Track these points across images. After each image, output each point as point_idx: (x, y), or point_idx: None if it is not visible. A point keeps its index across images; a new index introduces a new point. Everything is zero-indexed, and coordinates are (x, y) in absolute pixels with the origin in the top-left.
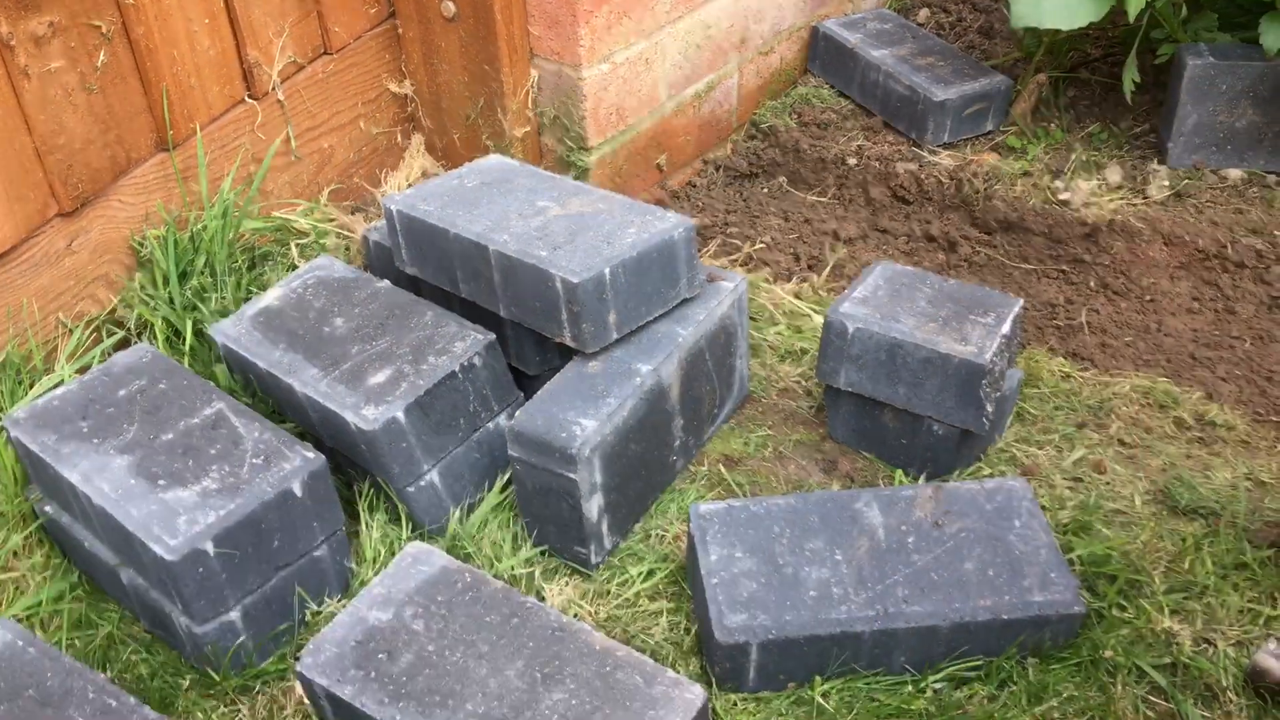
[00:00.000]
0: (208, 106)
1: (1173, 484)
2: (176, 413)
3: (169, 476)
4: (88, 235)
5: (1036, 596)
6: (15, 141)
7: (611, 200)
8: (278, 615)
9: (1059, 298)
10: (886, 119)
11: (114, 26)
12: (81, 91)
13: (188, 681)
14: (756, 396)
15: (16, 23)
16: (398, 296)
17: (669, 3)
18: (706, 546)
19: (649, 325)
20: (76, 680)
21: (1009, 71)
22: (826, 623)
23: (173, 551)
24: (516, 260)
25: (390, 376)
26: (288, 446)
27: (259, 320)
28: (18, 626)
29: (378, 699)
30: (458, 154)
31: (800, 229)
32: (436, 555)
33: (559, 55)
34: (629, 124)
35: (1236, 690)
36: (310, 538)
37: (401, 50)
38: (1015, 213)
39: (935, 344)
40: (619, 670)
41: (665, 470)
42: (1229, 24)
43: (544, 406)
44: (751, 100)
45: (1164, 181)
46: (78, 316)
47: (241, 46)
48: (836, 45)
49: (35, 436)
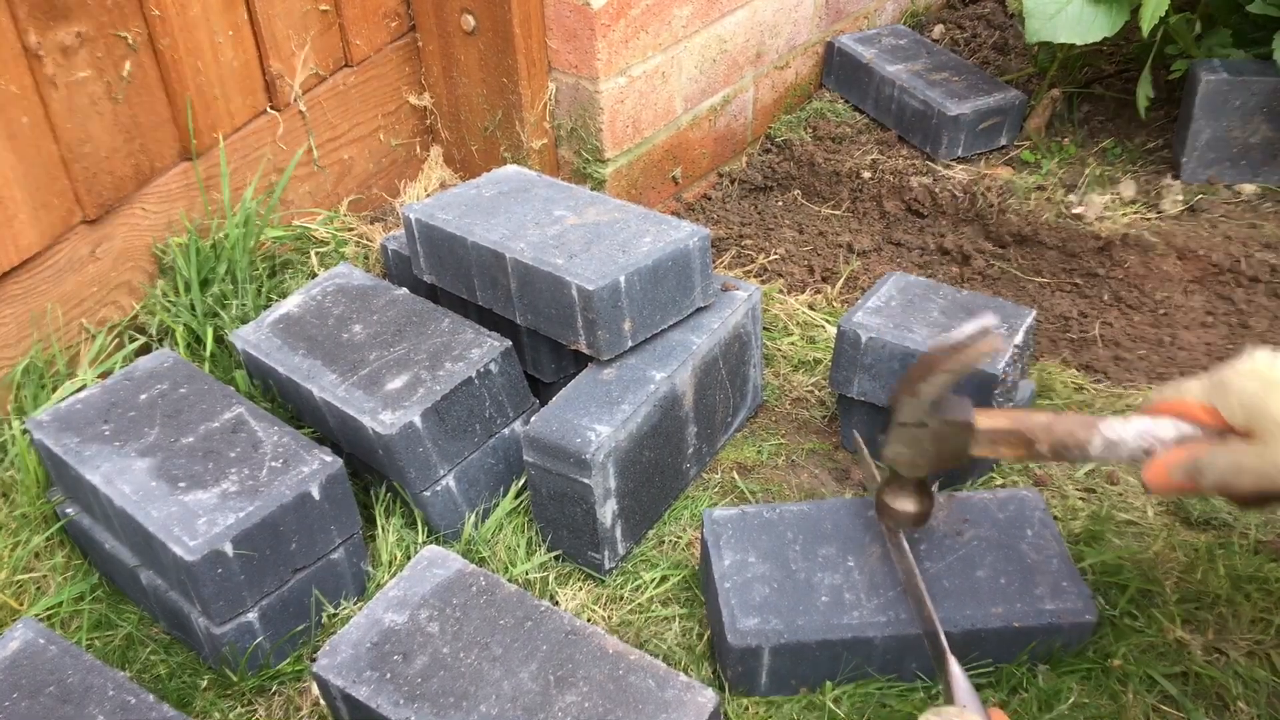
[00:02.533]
0: (230, 117)
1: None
2: (197, 417)
3: (189, 479)
4: (111, 242)
5: (1048, 605)
6: (42, 149)
7: (627, 210)
8: (295, 617)
9: (1072, 311)
10: (901, 133)
11: (140, 37)
12: (107, 101)
13: (205, 682)
14: (770, 405)
15: (45, 33)
16: (415, 304)
17: (685, 17)
18: (720, 551)
19: (663, 333)
20: (96, 678)
21: (1023, 87)
22: (838, 628)
23: (192, 552)
24: (533, 268)
25: (407, 382)
26: (306, 450)
27: (279, 327)
28: (39, 625)
29: (393, 700)
30: (476, 165)
31: (814, 241)
32: (452, 559)
33: (576, 68)
34: (645, 136)
35: (1247, 700)
36: (327, 540)
37: (421, 63)
38: (1029, 226)
39: None
40: (631, 674)
41: (679, 477)
42: (1243, 40)
43: (559, 413)
44: (767, 114)
45: (1178, 196)
46: (100, 322)
47: (264, 58)
48: (851, 60)
49: (58, 439)
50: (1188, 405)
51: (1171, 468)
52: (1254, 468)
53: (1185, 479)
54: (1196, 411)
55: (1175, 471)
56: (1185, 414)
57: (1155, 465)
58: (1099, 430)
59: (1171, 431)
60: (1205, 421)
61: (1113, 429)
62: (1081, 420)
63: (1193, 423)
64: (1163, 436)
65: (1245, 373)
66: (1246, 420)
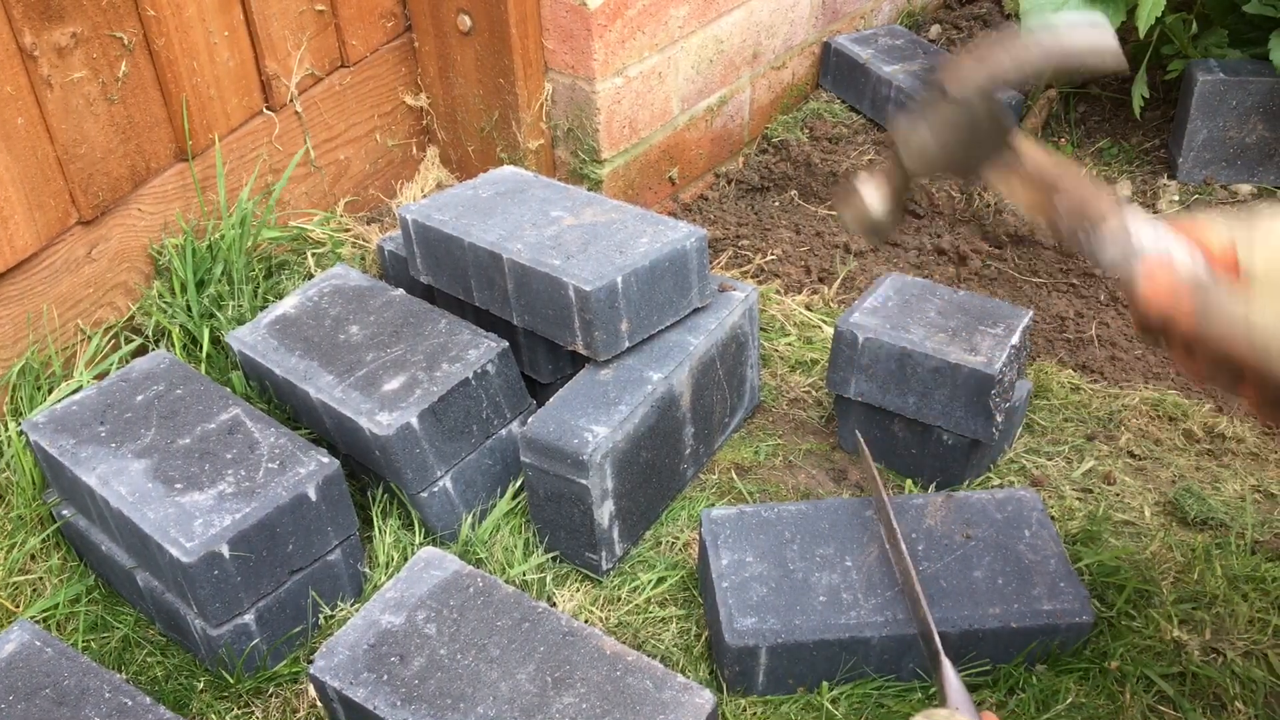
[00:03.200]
0: (226, 117)
1: (1182, 495)
2: (193, 418)
3: (185, 480)
4: (107, 243)
5: (1046, 605)
6: (37, 150)
7: (624, 210)
8: (291, 618)
9: (1069, 311)
10: None
11: (135, 38)
12: (103, 101)
13: (202, 684)
14: (767, 406)
15: (40, 33)
16: (412, 305)
17: (682, 18)
18: (718, 551)
19: (661, 334)
20: (93, 680)
21: (1019, 87)
22: (835, 628)
23: (189, 554)
24: (530, 269)
25: (404, 383)
26: (303, 451)
27: (275, 328)
28: (35, 627)
29: (390, 702)
30: (472, 166)
31: (811, 242)
32: (449, 560)
33: (573, 69)
34: (642, 137)
35: (1244, 700)
36: (324, 542)
37: (417, 63)
38: (1025, 226)
39: (945, 354)
40: (629, 675)
41: (676, 478)
42: (1239, 40)
43: (556, 413)
44: (763, 114)
45: (1174, 196)
46: (96, 323)
47: (260, 59)
48: (848, 60)
49: (54, 440)
50: (1208, 237)
51: (1178, 273)
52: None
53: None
54: (1215, 246)
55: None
56: (1203, 246)
57: (1157, 264)
58: (1122, 213)
59: (1185, 254)
60: (1218, 260)
61: (1135, 220)
62: (1106, 198)
63: (1204, 255)
64: (1176, 253)
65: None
66: (1267, 274)
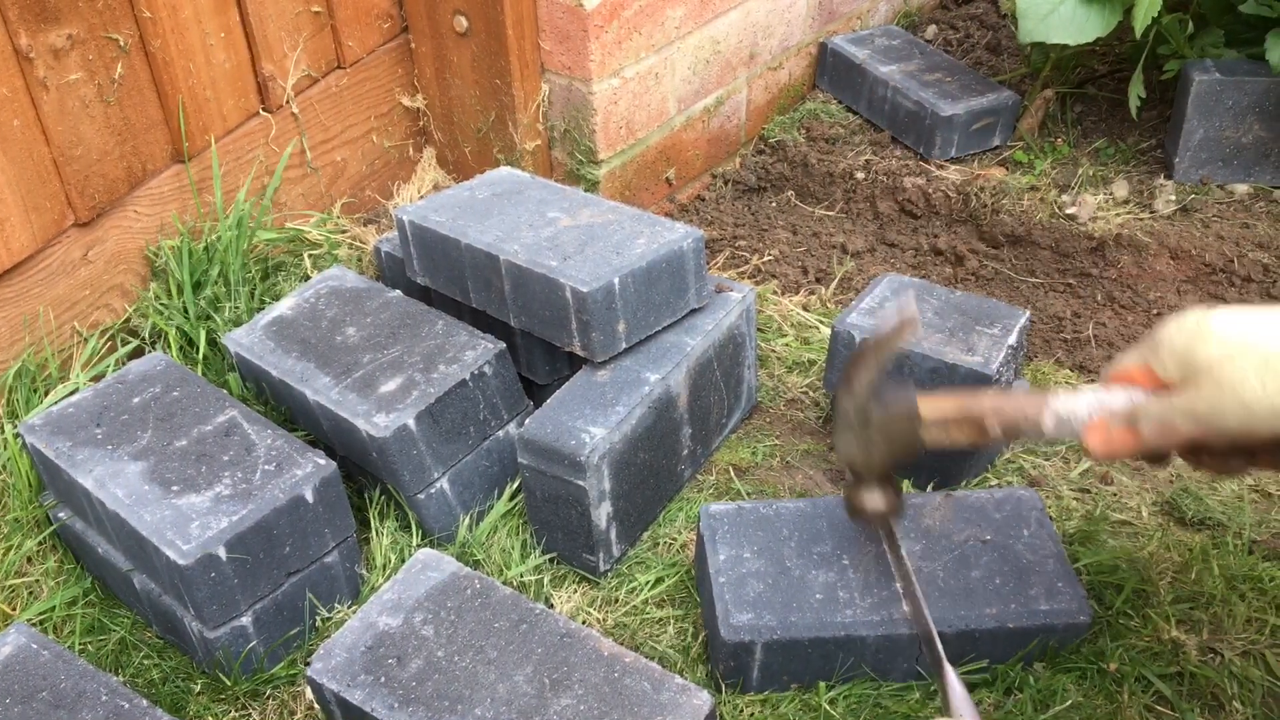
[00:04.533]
0: (223, 119)
1: (1179, 495)
2: (190, 420)
3: (182, 482)
4: (104, 245)
5: (1043, 605)
6: (33, 152)
7: (621, 211)
8: (289, 620)
9: (1066, 311)
10: (894, 134)
11: (131, 39)
12: (99, 103)
13: (199, 686)
14: (764, 406)
15: (36, 35)
16: (409, 306)
17: (678, 18)
18: (716, 546)
19: (658, 335)
20: (89, 683)
21: (1016, 87)
22: (831, 625)
23: (185, 556)
24: (527, 270)
25: (401, 385)
26: (300, 453)
27: (272, 329)
28: (31, 630)
29: (387, 704)
30: (469, 167)
31: (808, 242)
32: (446, 562)
33: (569, 70)
34: (638, 138)
35: (1242, 700)
36: (321, 544)
37: (414, 64)
38: (1022, 226)
39: (942, 354)
40: (627, 676)
41: (673, 479)
42: (1235, 40)
43: (553, 415)
44: (760, 115)
45: (1170, 196)
46: (93, 325)
47: (256, 60)
48: (845, 61)
49: (50, 443)
50: (1130, 371)
51: (1111, 420)
52: (1186, 410)
53: (1124, 430)
54: (1138, 376)
55: (1115, 422)
56: (1130, 380)
57: (1095, 424)
58: (1050, 406)
59: (1122, 400)
60: (1147, 385)
61: (1064, 404)
62: (1032, 398)
63: (1139, 389)
64: (1113, 406)
65: (1174, 329)
66: (1179, 371)
